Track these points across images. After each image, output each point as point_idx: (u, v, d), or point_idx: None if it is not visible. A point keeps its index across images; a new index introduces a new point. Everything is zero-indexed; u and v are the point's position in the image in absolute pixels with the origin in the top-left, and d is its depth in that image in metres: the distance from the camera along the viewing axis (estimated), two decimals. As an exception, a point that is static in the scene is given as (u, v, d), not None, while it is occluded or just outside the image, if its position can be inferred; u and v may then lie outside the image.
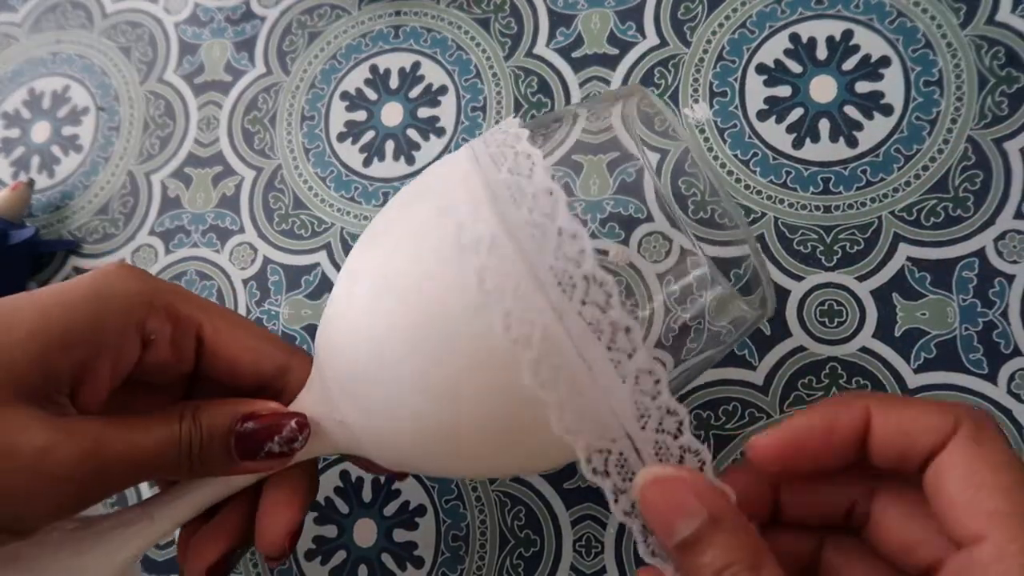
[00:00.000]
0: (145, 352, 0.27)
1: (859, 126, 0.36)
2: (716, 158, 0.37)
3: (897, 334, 0.34)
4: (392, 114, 0.42)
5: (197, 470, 0.25)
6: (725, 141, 0.37)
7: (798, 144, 0.36)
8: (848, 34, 0.37)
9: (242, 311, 0.40)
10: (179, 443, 0.25)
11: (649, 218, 0.29)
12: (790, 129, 0.37)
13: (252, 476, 0.27)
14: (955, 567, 0.20)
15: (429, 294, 0.22)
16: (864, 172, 0.35)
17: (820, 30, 0.38)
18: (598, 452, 0.22)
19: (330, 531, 0.37)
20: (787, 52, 0.38)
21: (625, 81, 0.39)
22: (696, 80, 0.38)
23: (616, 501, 0.22)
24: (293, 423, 0.26)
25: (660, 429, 0.21)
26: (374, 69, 0.43)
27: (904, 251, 0.34)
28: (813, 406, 0.23)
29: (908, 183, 0.35)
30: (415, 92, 0.42)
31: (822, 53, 0.37)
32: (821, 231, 0.35)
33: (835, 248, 0.35)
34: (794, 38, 0.38)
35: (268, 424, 0.26)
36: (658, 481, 0.21)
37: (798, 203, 0.36)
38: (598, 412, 0.21)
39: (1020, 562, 0.19)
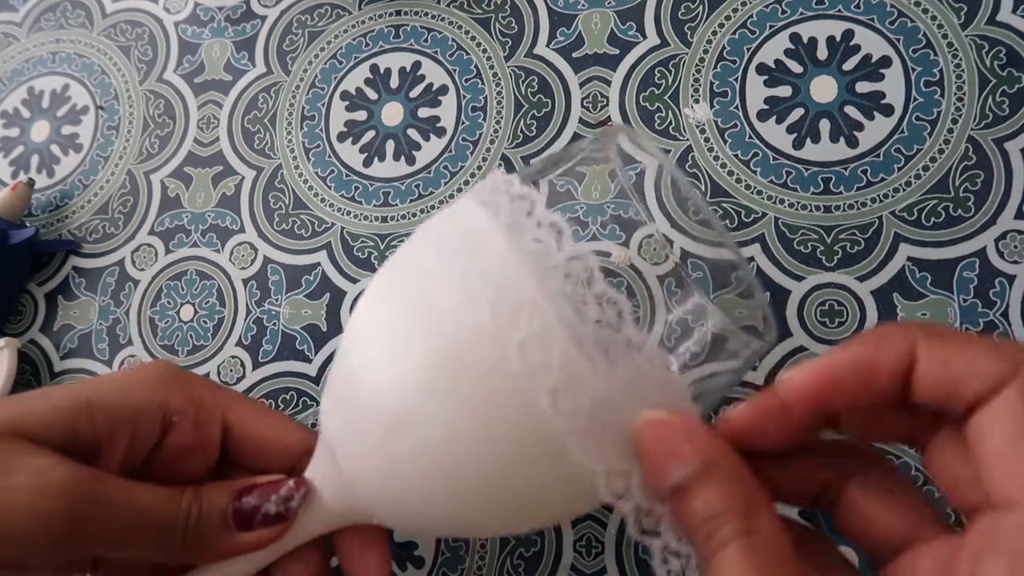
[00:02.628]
0: (169, 435, 0.27)
1: (860, 126, 0.36)
2: (716, 158, 0.37)
3: None
4: (392, 114, 0.42)
5: (191, 543, 0.25)
6: (725, 141, 0.37)
7: (798, 144, 0.36)
8: (849, 34, 0.37)
9: (242, 311, 0.40)
10: (178, 507, 0.25)
11: (649, 221, 0.29)
12: (791, 129, 0.37)
13: (251, 563, 0.26)
14: (983, 526, 0.19)
15: (442, 332, 0.22)
16: (865, 172, 0.35)
17: (821, 30, 0.37)
18: (618, 475, 0.21)
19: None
20: (788, 52, 0.38)
21: (625, 81, 0.39)
22: (697, 80, 0.38)
23: (638, 522, 0.21)
24: (290, 483, 0.25)
25: None
26: (374, 69, 0.43)
27: (905, 251, 0.34)
28: (855, 338, 0.21)
29: (909, 183, 0.35)
30: (415, 92, 0.42)
31: (823, 53, 0.37)
32: (822, 231, 0.35)
33: (836, 248, 0.35)
34: (795, 38, 0.38)
35: (264, 489, 0.25)
36: (653, 424, 0.21)
37: (798, 203, 0.36)
38: (617, 430, 0.21)
39: None
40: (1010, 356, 0.19)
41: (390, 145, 0.41)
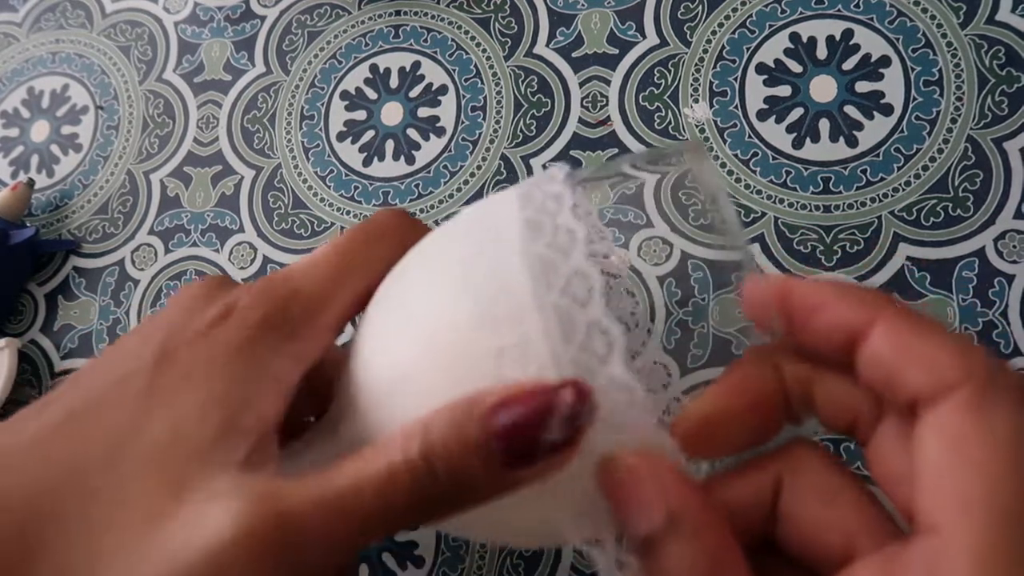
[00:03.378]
0: None
1: (859, 126, 0.36)
2: (716, 158, 0.37)
3: None
4: (392, 113, 0.42)
5: (448, 500, 0.19)
6: (725, 141, 0.37)
7: (798, 144, 0.36)
8: (848, 34, 0.37)
9: (242, 311, 0.40)
10: (407, 466, 0.18)
11: (649, 224, 0.29)
12: (790, 129, 0.37)
13: None
14: (910, 557, 0.17)
15: (439, 316, 0.20)
16: (864, 172, 0.35)
17: (820, 30, 0.37)
18: (587, 518, 0.19)
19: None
20: (787, 52, 0.38)
21: (625, 80, 0.39)
22: (696, 80, 0.38)
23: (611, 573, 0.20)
24: (567, 393, 0.18)
25: None
26: (374, 68, 0.43)
27: (904, 251, 0.34)
28: (818, 287, 0.19)
29: (908, 183, 0.35)
30: (415, 92, 0.42)
31: (822, 53, 0.37)
32: (821, 231, 0.35)
33: (835, 248, 0.35)
34: (794, 38, 0.38)
35: (530, 408, 0.18)
36: (617, 468, 0.19)
37: (798, 203, 0.36)
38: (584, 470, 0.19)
39: (977, 567, 0.15)
40: (962, 358, 0.17)
41: (390, 145, 0.41)
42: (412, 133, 0.41)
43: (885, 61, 0.37)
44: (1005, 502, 0.16)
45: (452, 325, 0.20)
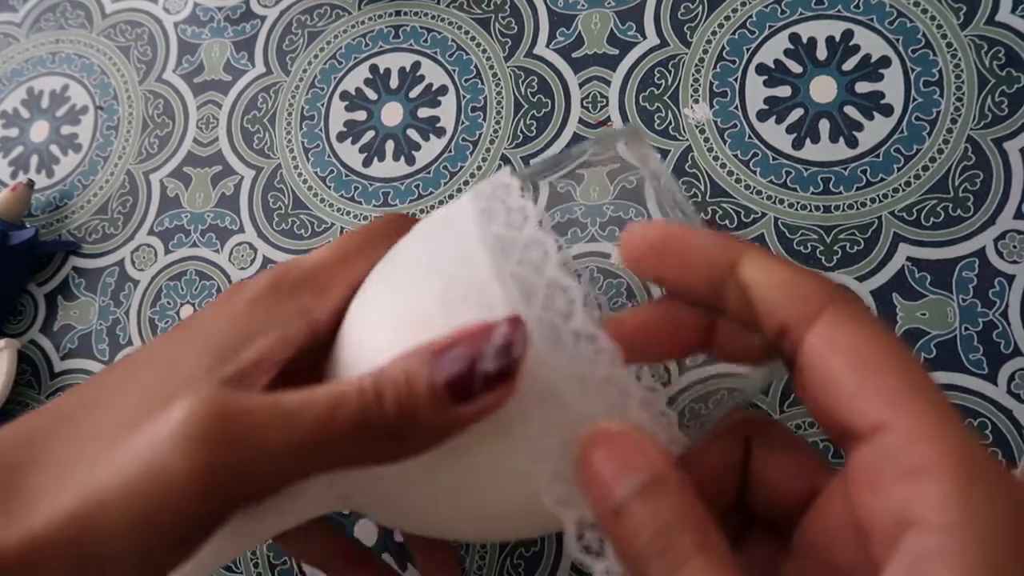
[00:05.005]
0: None
1: (859, 126, 0.36)
2: (716, 158, 0.37)
3: (897, 334, 0.34)
4: (392, 114, 0.42)
5: (393, 432, 0.20)
6: (725, 141, 0.37)
7: (798, 144, 0.36)
8: (848, 34, 0.37)
9: (242, 311, 0.40)
10: (358, 393, 0.19)
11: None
12: (790, 129, 0.37)
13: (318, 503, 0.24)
14: (863, 462, 0.18)
15: (405, 306, 0.22)
16: (864, 172, 0.35)
17: (820, 30, 0.38)
18: (562, 479, 0.20)
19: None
20: (787, 52, 0.38)
21: (625, 81, 0.39)
22: (696, 80, 0.38)
23: (580, 536, 0.20)
24: (502, 325, 0.19)
25: None
26: (374, 69, 0.43)
27: (904, 251, 0.34)
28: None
29: (908, 183, 0.35)
30: (415, 92, 0.42)
31: (822, 53, 0.37)
32: (821, 231, 0.35)
33: (835, 248, 0.35)
34: (794, 38, 0.38)
35: (467, 341, 0.19)
36: (601, 435, 0.19)
37: (798, 203, 0.36)
38: (561, 428, 0.20)
39: (933, 443, 0.16)
40: (823, 279, 0.19)
41: (390, 145, 0.41)
42: (412, 133, 0.41)
43: (885, 62, 0.37)
44: (919, 382, 0.17)
45: (425, 305, 0.21)
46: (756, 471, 0.22)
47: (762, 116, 0.37)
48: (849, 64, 0.37)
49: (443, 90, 0.41)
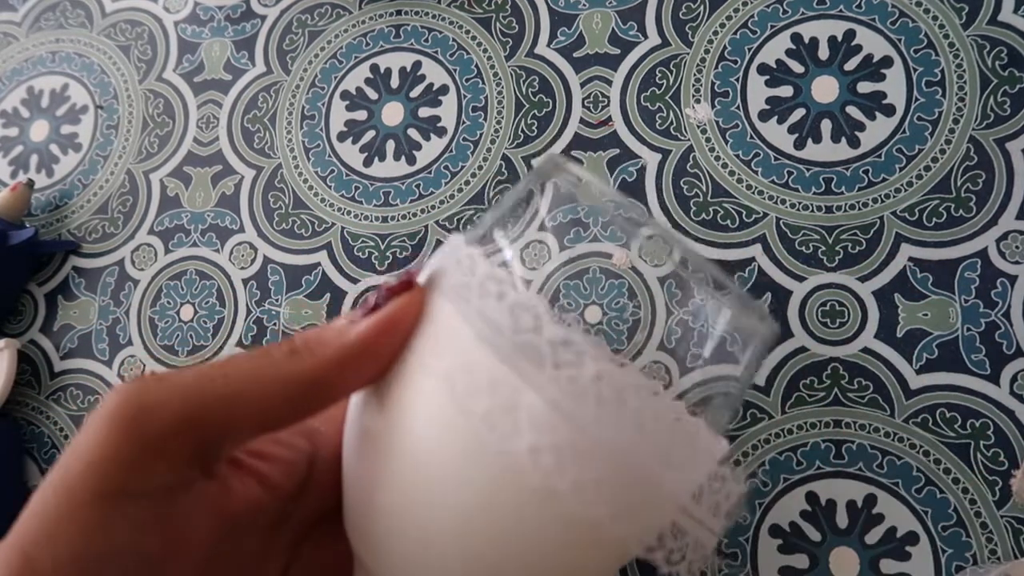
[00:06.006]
0: None
1: (861, 126, 0.36)
2: (718, 158, 0.37)
3: (899, 335, 0.34)
4: (393, 113, 0.41)
5: (308, 360, 0.21)
6: (727, 141, 0.37)
7: (800, 144, 0.36)
8: (850, 34, 0.37)
9: (242, 311, 0.40)
10: (272, 346, 0.21)
11: (651, 222, 0.29)
12: (792, 129, 0.37)
13: None
14: None
15: (443, 460, 0.20)
16: (866, 172, 0.35)
17: (822, 30, 0.37)
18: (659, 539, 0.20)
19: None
20: (789, 52, 0.38)
21: (626, 81, 0.39)
22: (698, 80, 0.38)
23: (690, 572, 0.20)
24: (381, 289, 0.21)
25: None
26: (375, 68, 0.42)
27: (906, 251, 0.34)
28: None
29: (910, 183, 0.35)
30: (416, 91, 0.42)
31: (824, 53, 0.37)
32: (823, 231, 0.35)
33: (837, 248, 0.35)
34: (796, 38, 0.38)
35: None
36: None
37: (800, 203, 0.36)
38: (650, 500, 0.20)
39: None
40: None
41: (390, 145, 0.41)
42: (413, 133, 0.41)
43: (887, 62, 0.36)
44: None
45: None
46: None
47: (764, 116, 0.37)
48: (851, 64, 0.37)
49: (444, 90, 0.41)
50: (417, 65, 0.42)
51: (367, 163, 0.41)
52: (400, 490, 0.21)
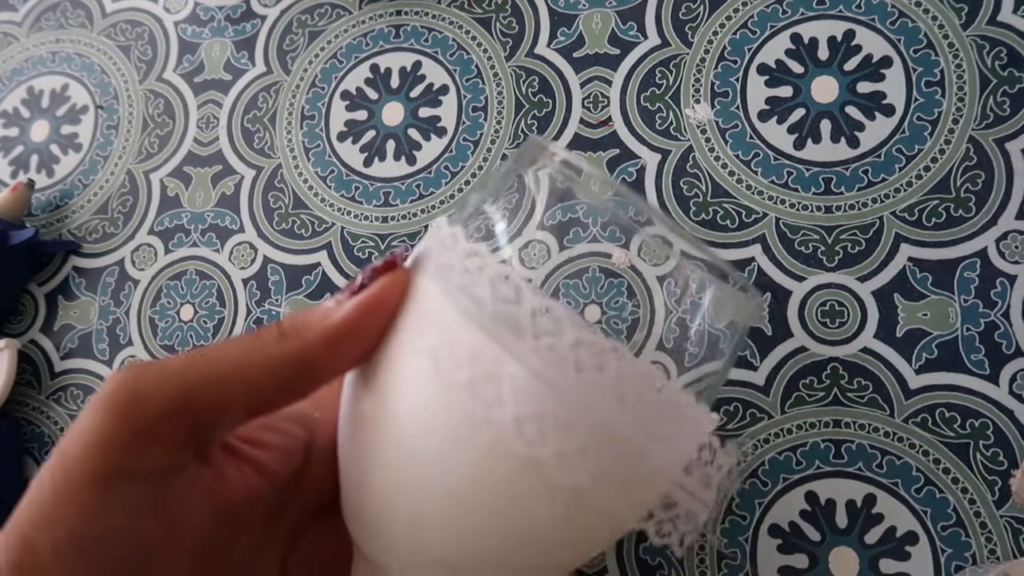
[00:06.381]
0: None
1: (860, 126, 0.36)
2: (717, 158, 0.37)
3: (899, 335, 0.34)
4: (393, 114, 0.41)
5: (296, 341, 0.21)
6: (726, 141, 0.37)
7: (799, 144, 0.36)
8: (850, 34, 0.37)
9: (242, 311, 0.40)
10: (263, 330, 0.21)
11: (649, 222, 0.29)
12: (791, 129, 0.37)
13: None
14: None
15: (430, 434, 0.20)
16: (866, 172, 0.35)
17: (822, 30, 0.37)
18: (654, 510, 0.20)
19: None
20: (788, 52, 0.38)
21: (626, 81, 0.39)
22: (698, 80, 0.38)
23: (681, 544, 0.21)
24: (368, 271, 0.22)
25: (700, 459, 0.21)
26: (375, 68, 0.42)
27: (906, 251, 0.34)
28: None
29: (910, 183, 0.35)
30: (416, 92, 0.42)
31: (823, 53, 0.37)
32: (822, 231, 0.35)
33: (836, 248, 0.35)
34: (795, 38, 0.38)
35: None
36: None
37: (799, 203, 0.36)
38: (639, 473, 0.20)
39: None
40: None
41: (390, 145, 0.41)
42: (413, 133, 0.41)
43: (886, 62, 0.37)
44: None
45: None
46: None
47: (763, 116, 0.37)
48: (851, 64, 0.37)
49: (444, 90, 0.41)
50: (417, 65, 0.42)
51: (367, 163, 0.41)
52: (389, 472, 0.21)
